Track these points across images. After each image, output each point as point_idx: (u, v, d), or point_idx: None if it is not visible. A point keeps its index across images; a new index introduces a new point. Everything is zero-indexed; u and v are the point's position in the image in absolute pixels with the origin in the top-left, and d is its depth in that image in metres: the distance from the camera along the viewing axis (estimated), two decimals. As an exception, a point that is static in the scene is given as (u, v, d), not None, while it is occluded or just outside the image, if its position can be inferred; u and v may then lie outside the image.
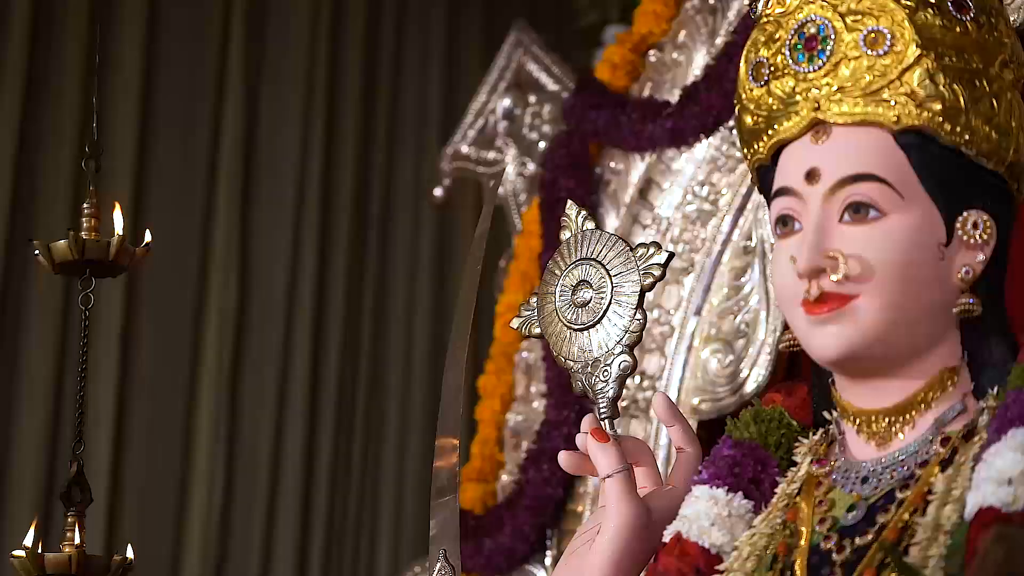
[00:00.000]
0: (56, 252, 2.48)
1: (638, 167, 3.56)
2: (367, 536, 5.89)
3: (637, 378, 3.40)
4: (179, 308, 5.62)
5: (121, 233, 2.46)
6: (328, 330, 5.87)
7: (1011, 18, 2.68)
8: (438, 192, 4.37)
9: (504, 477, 3.68)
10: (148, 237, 2.52)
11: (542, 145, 4.01)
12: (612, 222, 3.56)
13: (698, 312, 3.36)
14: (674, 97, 3.46)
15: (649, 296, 3.35)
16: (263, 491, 5.69)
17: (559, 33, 5.61)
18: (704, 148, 3.42)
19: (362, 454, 5.90)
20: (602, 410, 1.93)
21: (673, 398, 3.31)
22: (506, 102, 4.16)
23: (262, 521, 5.68)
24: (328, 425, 5.82)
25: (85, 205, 2.52)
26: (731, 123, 3.13)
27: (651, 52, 3.62)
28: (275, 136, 5.84)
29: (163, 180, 5.60)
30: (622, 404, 3.37)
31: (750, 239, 3.31)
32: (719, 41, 3.42)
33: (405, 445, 5.92)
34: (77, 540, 2.44)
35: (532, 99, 4.13)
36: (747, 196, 3.31)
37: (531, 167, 4.08)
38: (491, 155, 4.17)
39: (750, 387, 3.18)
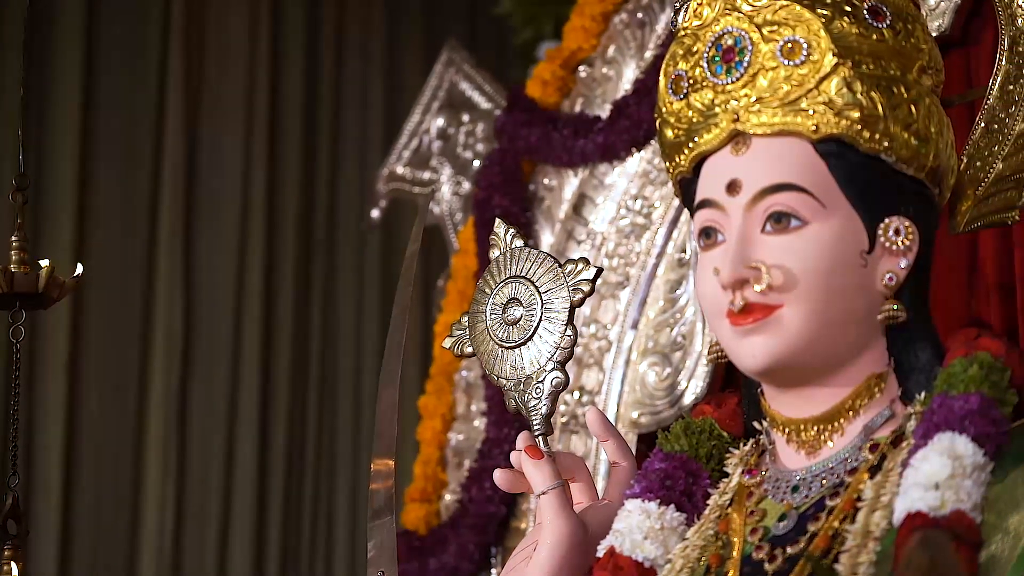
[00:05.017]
0: (-16, 285, 2.46)
1: (571, 183, 3.56)
2: (322, 557, 5.88)
3: (576, 393, 3.40)
4: (125, 336, 5.59)
5: (49, 264, 2.44)
6: (276, 353, 5.85)
7: (935, 24, 2.70)
8: (375, 214, 4.36)
9: (447, 496, 3.68)
10: (79, 269, 2.50)
11: (476, 163, 4.01)
12: (547, 238, 3.56)
13: (635, 326, 3.36)
14: (605, 112, 3.47)
15: (585, 311, 3.39)
16: (216, 514, 5.67)
17: (499, 51, 5.62)
18: (636, 162, 3.42)
19: (314, 475, 5.90)
20: (536, 427, 1.93)
21: (612, 412, 3.31)
22: (439, 122, 4.15)
23: (215, 545, 5.66)
24: (279, 447, 5.81)
25: (13, 238, 2.50)
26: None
27: (581, 67, 3.63)
28: (217, 162, 5.82)
29: (105, 208, 5.57)
30: (562, 420, 3.38)
31: (684, 251, 3.31)
32: (648, 55, 3.43)
33: (358, 465, 5.91)
34: (15, 573, 2.42)
35: (465, 118, 4.13)
36: (680, 208, 3.30)
37: (466, 186, 4.08)
38: (426, 175, 4.17)
39: (688, 399, 3.18)
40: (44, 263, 2.45)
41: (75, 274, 2.52)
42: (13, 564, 2.43)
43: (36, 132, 5.32)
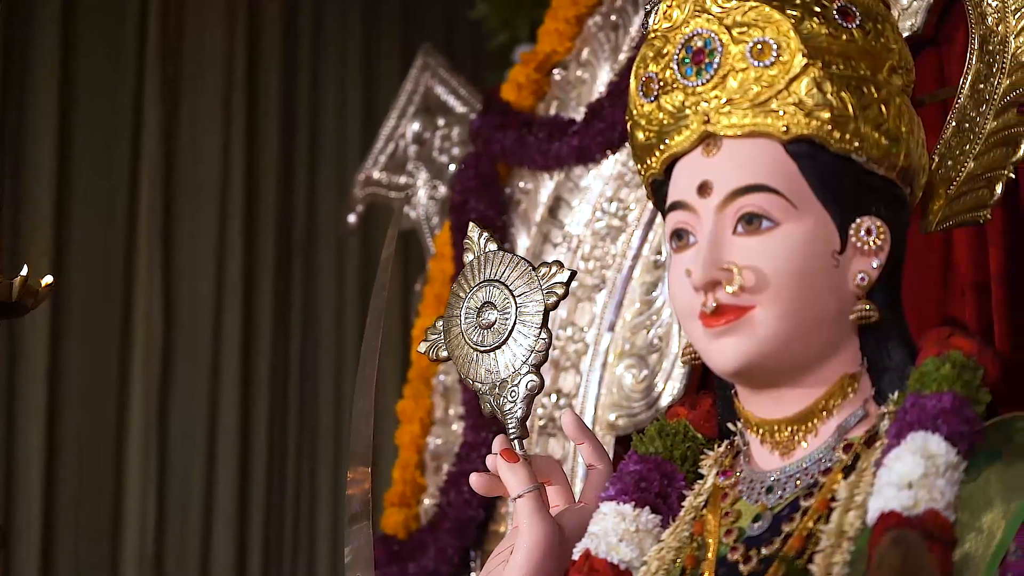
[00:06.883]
0: (-43, 295, 2.45)
1: (547, 186, 3.55)
2: (304, 562, 5.88)
3: (553, 396, 3.39)
4: (105, 341, 5.59)
5: (23, 273, 2.43)
6: (256, 356, 5.86)
7: (908, 23, 2.70)
8: (351, 219, 4.36)
9: (426, 501, 3.66)
10: (48, 279, 2.49)
11: (452, 167, 4.01)
12: (523, 242, 3.55)
13: (611, 328, 3.35)
14: (580, 115, 3.46)
15: (561, 314, 3.38)
16: (197, 519, 5.68)
17: (475, 55, 5.62)
18: (611, 164, 3.41)
19: (295, 479, 5.90)
20: (511, 430, 1.93)
21: (589, 415, 3.30)
22: (415, 126, 4.15)
23: (197, 549, 5.67)
24: (260, 451, 5.82)
25: (-11, 246, 2.50)
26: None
27: (556, 71, 3.62)
28: (195, 165, 5.83)
29: (83, 214, 5.57)
30: (539, 423, 3.37)
31: (660, 253, 3.30)
32: (622, 57, 3.42)
33: (339, 467, 5.92)
34: (-7, 580, 2.42)
35: (441, 122, 4.13)
36: (655, 210, 3.30)
37: (442, 190, 4.07)
38: (402, 179, 4.16)
39: (665, 401, 3.17)
40: (23, 272, 2.44)
41: (44, 283, 2.51)
42: (-8, 572, 2.43)
43: (12, 139, 5.31)
